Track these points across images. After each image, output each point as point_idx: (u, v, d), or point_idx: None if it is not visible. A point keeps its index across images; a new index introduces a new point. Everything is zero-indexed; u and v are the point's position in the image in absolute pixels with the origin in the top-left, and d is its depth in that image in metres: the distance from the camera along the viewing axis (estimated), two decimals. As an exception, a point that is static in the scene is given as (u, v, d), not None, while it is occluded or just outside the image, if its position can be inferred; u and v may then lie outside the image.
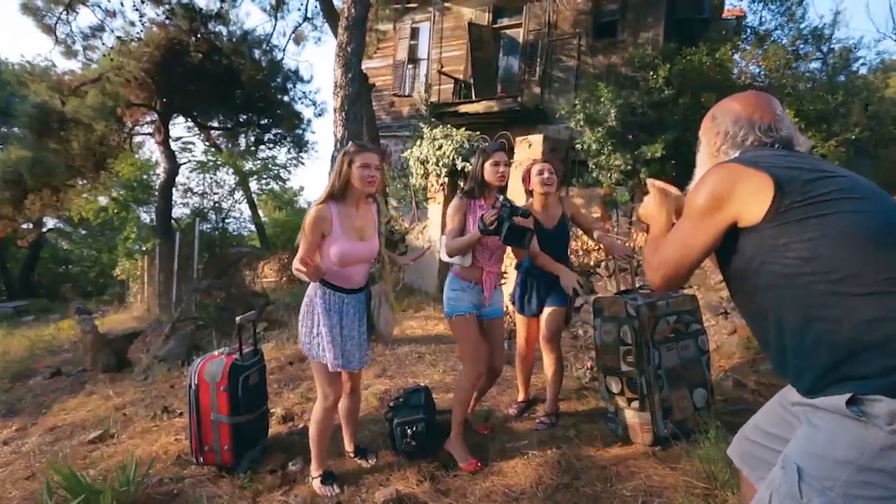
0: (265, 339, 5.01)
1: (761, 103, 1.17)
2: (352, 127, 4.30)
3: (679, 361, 2.32)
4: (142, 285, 11.94)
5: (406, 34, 11.50)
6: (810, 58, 9.98)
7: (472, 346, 2.29)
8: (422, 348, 4.34)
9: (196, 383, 2.52)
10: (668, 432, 2.23)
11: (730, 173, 1.04)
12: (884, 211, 0.97)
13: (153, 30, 9.64)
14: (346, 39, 4.30)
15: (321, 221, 2.00)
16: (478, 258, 2.32)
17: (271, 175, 19.07)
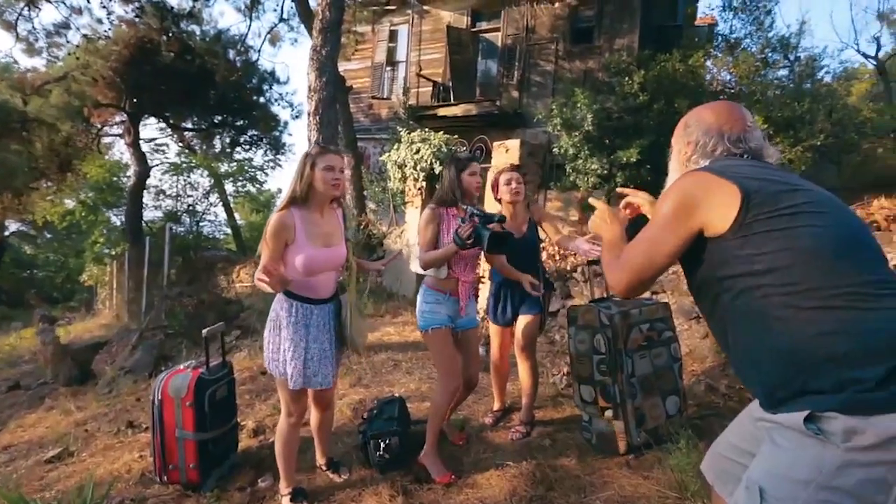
0: (237, 347, 4.88)
1: (733, 114, 1.18)
2: (326, 131, 4.22)
3: (652, 369, 2.33)
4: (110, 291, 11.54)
5: (384, 36, 11.43)
6: (778, 65, 10.30)
7: (448, 360, 2.25)
8: (398, 356, 4.28)
9: (160, 398, 2.43)
10: (642, 441, 2.23)
11: (698, 182, 1.04)
12: (845, 226, 0.99)
13: (122, 28, 9.33)
14: (320, 42, 4.23)
15: (283, 229, 1.89)
16: (453, 269, 2.29)
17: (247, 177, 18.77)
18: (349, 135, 8.55)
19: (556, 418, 2.85)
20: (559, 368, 3.71)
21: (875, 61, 12.47)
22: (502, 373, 2.86)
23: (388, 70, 11.31)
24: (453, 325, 2.33)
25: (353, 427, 2.95)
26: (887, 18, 13.79)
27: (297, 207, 1.94)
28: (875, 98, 12.64)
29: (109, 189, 15.85)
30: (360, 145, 10.64)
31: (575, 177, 7.25)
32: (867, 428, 0.84)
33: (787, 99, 7.30)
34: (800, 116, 6.91)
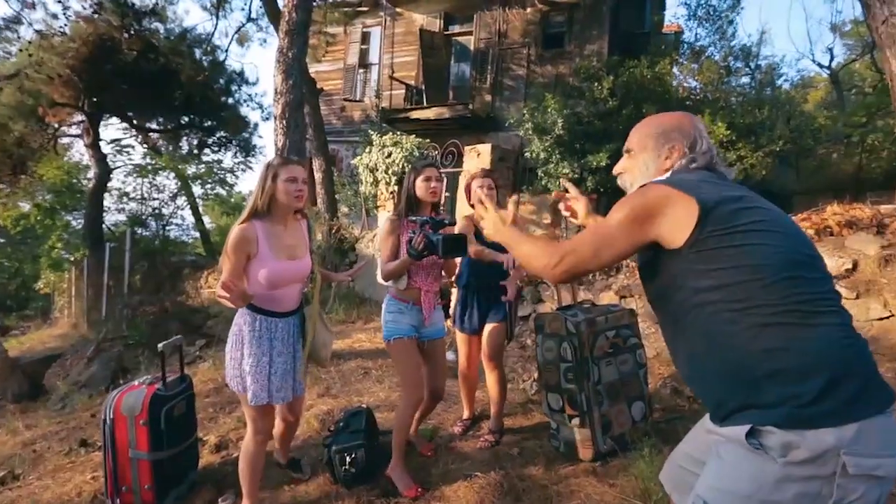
0: (202, 358, 4.71)
1: (686, 123, 1.19)
2: (293, 135, 4.12)
3: (618, 376, 2.36)
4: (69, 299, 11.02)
5: (357, 38, 11.33)
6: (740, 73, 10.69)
7: (412, 372, 2.22)
8: (368, 363, 4.22)
9: (112, 417, 2.30)
10: (608, 448, 2.25)
11: (660, 194, 1.05)
12: (795, 246, 1.01)
13: (80, 24, 8.93)
14: (287, 44, 4.13)
15: (245, 242, 1.84)
16: (413, 278, 2.26)
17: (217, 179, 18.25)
18: (320, 138, 8.42)
19: (525, 426, 2.85)
20: (529, 374, 3.72)
21: (829, 71, 13.08)
22: (471, 381, 2.84)
23: (361, 72, 11.21)
24: (418, 336, 2.29)
25: (319, 439, 2.88)
26: (839, 30, 14.50)
27: (260, 220, 1.90)
28: (829, 106, 13.27)
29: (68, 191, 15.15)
30: (333, 148, 10.50)
31: (547, 181, 7.33)
32: (802, 442, 0.87)
33: (749, 106, 7.57)
34: (760, 123, 7.17)
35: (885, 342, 2.63)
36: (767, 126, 7.21)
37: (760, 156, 6.79)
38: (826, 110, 12.35)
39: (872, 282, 2.72)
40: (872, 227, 3.01)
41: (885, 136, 8.13)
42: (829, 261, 2.86)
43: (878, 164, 8.53)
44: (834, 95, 13.40)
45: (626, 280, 4.01)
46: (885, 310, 2.65)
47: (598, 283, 4.20)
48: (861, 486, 0.86)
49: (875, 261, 2.74)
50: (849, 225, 3.10)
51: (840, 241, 3.00)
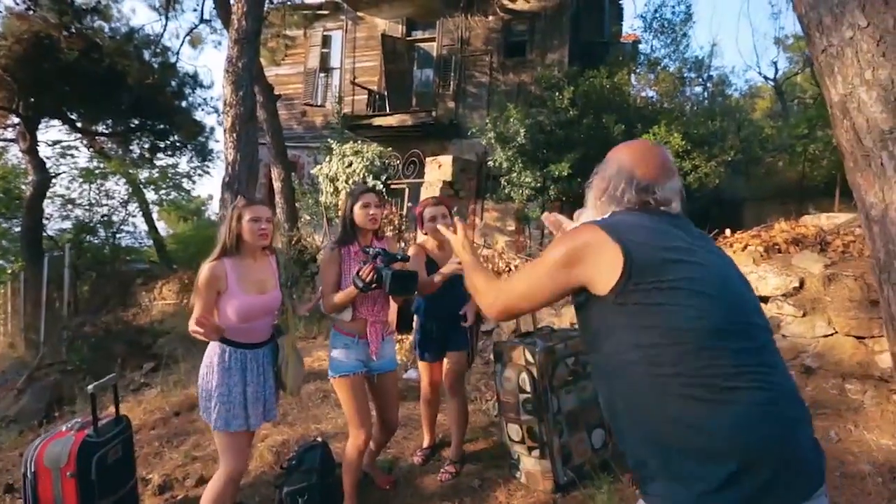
0: (149, 385, 4.43)
1: (648, 158, 1.13)
2: (245, 150, 3.93)
3: (578, 403, 2.33)
4: (4, 316, 10.23)
5: (317, 42, 11.07)
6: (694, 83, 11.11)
7: (357, 410, 2.12)
8: (328, 385, 4.06)
9: (33, 471, 2.10)
10: (568, 479, 2.22)
11: (589, 238, 1.02)
12: (727, 313, 0.95)
13: (12, 20, 8.30)
14: (236, 53, 3.93)
15: (214, 280, 1.94)
16: (359, 310, 2.16)
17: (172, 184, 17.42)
18: (278, 145, 8.14)
19: (486, 452, 2.80)
20: (492, 393, 3.67)
21: (774, 82, 13.79)
22: (432, 409, 2.77)
23: (322, 76, 10.96)
24: (366, 370, 2.20)
25: (273, 474, 2.73)
26: (783, 44, 15.33)
27: (229, 257, 2.01)
28: (774, 115, 13.99)
29: (5, 197, 14.10)
30: (293, 154, 10.21)
31: (510, 189, 7.36)
32: None
33: (703, 117, 7.84)
34: (713, 133, 7.44)
35: (829, 358, 2.73)
36: (720, 136, 7.49)
37: (713, 165, 7.04)
38: (771, 120, 13.02)
39: (817, 300, 2.81)
40: (816, 245, 3.12)
41: (825, 146, 8.60)
42: (776, 279, 2.94)
43: (819, 173, 9.03)
44: (779, 106, 14.13)
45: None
46: (830, 327, 2.75)
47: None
48: None
49: (819, 279, 2.84)
50: (795, 242, 3.21)
51: (787, 258, 3.10)
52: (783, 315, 2.88)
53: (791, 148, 9.49)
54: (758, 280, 2.99)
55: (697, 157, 7.05)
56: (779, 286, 2.91)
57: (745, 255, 3.23)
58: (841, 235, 3.05)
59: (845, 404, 2.51)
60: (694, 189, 6.98)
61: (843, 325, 2.70)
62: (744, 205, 9.89)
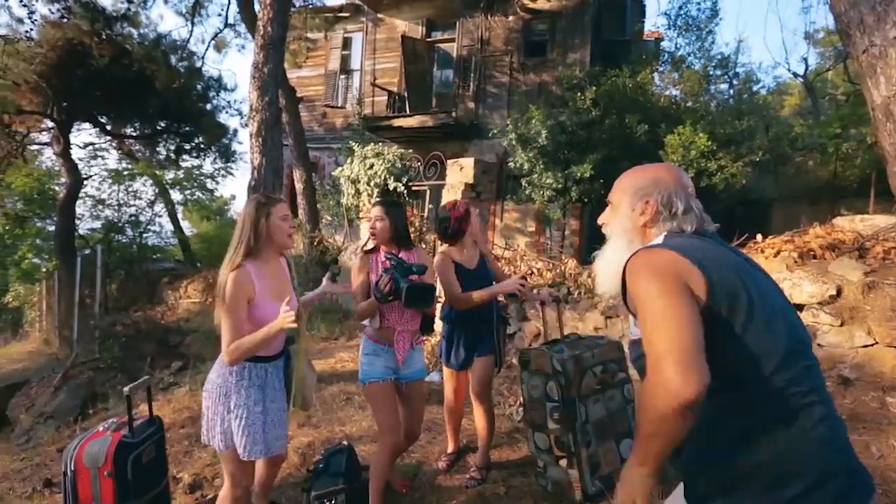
0: (177, 383, 4.53)
1: (684, 177, 1.12)
2: (270, 154, 3.99)
3: (606, 413, 2.30)
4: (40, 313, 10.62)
5: (338, 44, 11.17)
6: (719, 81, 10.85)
7: (387, 416, 2.14)
8: (351, 387, 4.11)
9: (73, 469, 2.16)
10: (596, 490, 2.19)
11: (667, 258, 0.95)
12: (791, 332, 0.94)
13: (47, 29, 8.59)
14: (262, 59, 4.00)
15: (245, 286, 1.76)
16: (387, 318, 2.17)
17: (196, 185, 17.82)
18: (300, 147, 8.25)
19: (512, 459, 2.79)
20: (515, 397, 3.65)
21: (803, 79, 13.37)
22: (457, 414, 2.77)
23: (343, 78, 11.05)
24: (395, 377, 2.21)
25: (299, 476, 2.77)
26: (813, 38, 14.85)
27: (250, 262, 1.82)
28: (804, 112, 13.57)
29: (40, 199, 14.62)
30: (314, 155, 10.33)
31: (531, 191, 7.30)
32: None
33: (729, 116, 7.65)
34: (741, 132, 7.25)
35: (869, 370, 2.63)
36: (747, 135, 7.30)
37: (740, 165, 6.86)
38: (801, 117, 12.64)
39: (856, 308, 2.72)
40: (855, 252, 3.01)
41: (859, 145, 8.31)
42: (812, 287, 2.85)
43: (852, 172, 8.72)
44: (808, 102, 13.71)
45: (612, 300, 3.97)
46: (870, 337, 2.65)
47: (583, 302, 4.17)
48: None
49: (858, 287, 2.74)
50: (831, 248, 3.10)
51: (823, 265, 3.00)
52: (819, 324, 2.79)
53: (822, 147, 9.19)
54: (792, 287, 2.90)
55: (724, 158, 6.88)
56: (814, 294, 2.82)
57: (777, 261, 3.14)
58: (881, 241, 2.94)
59: (887, 419, 2.42)
60: (720, 190, 6.81)
61: (885, 336, 2.60)
62: (772, 205, 9.62)
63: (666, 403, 0.83)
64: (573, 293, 4.37)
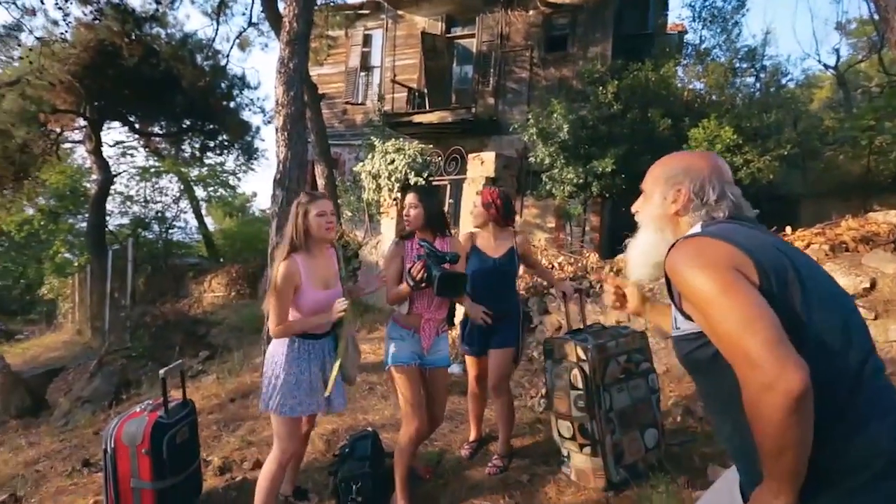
0: (205, 372, 4.67)
1: (721, 164, 1.09)
2: (296, 147, 4.07)
3: (630, 402, 2.30)
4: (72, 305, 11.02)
5: (358, 41, 11.26)
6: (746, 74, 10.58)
7: (412, 400, 2.18)
8: (373, 377, 4.17)
9: (112, 447, 2.27)
10: (621, 478, 2.19)
11: (713, 245, 0.92)
12: (846, 316, 0.90)
13: (80, 30, 8.90)
14: (288, 55, 4.08)
15: (292, 276, 2.00)
16: (416, 305, 2.21)
17: (220, 182, 18.25)
18: (322, 143, 8.36)
19: (534, 448, 2.80)
20: (536, 389, 3.66)
21: (834, 71, 12.94)
22: (479, 402, 2.79)
23: (363, 75, 11.14)
24: (420, 363, 2.25)
25: (325, 461, 2.84)
26: (845, 29, 14.35)
27: (298, 254, 2.05)
28: (835, 105, 13.13)
29: (72, 195, 15.18)
30: (335, 151, 10.44)
31: (552, 186, 7.26)
32: None
33: (756, 109, 7.47)
34: (767, 126, 7.07)
35: (903, 364, 2.56)
36: (775, 129, 7.11)
37: (768, 160, 6.69)
38: (832, 110, 12.23)
39: (891, 301, 2.65)
40: (890, 244, 2.93)
41: (894, 138, 8.02)
42: (845, 279, 2.79)
43: (887, 167, 8.41)
44: (840, 95, 13.26)
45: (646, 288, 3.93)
46: (904, 331, 2.58)
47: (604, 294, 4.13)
48: None
49: (894, 280, 2.67)
50: (864, 241, 3.02)
51: (856, 257, 2.93)
52: (851, 317, 2.73)
53: (854, 140, 8.89)
54: (823, 280, 2.84)
55: (750, 152, 6.73)
56: (847, 286, 2.75)
57: (808, 253, 3.08)
58: (918, 233, 2.85)
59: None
60: (746, 185, 6.65)
61: (920, 329, 2.53)
62: (800, 202, 9.33)
63: (777, 404, 0.77)
64: (595, 287, 4.35)
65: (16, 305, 16.45)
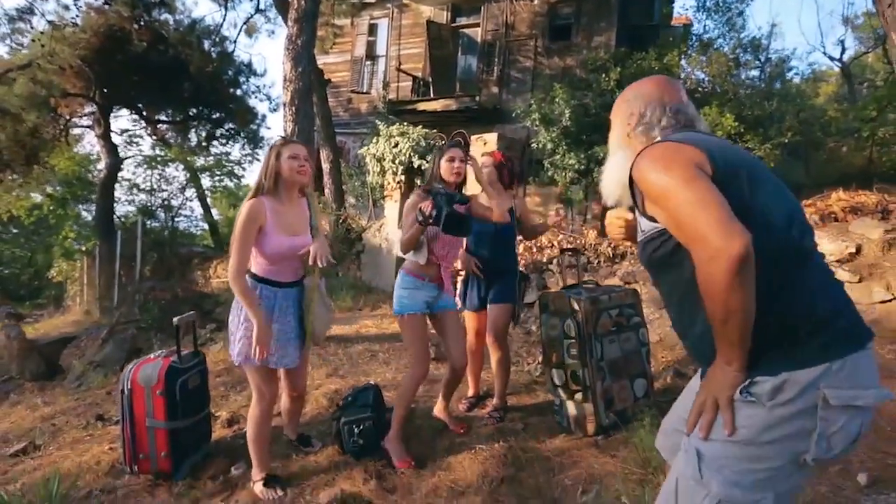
0: (213, 340, 4.81)
1: (671, 86, 1.19)
2: (303, 122, 4.18)
3: (621, 353, 2.40)
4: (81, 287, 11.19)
5: (364, 30, 11.35)
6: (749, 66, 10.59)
7: (419, 346, 2.28)
8: (375, 346, 4.29)
9: (129, 388, 2.38)
10: (610, 422, 2.30)
11: (675, 148, 1.01)
12: (787, 203, 1.02)
13: (91, 15, 9.03)
14: (295, 32, 4.18)
15: (257, 216, 1.97)
16: (435, 253, 2.30)
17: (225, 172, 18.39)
18: (328, 129, 8.48)
19: (529, 404, 2.91)
20: (534, 358, 3.77)
21: (840, 63, 12.93)
22: (477, 358, 2.90)
23: (368, 64, 11.24)
24: (429, 311, 2.35)
25: (328, 416, 2.95)
26: (852, 23, 14.32)
27: (266, 197, 2.02)
28: (840, 99, 13.13)
29: (79, 183, 15.36)
30: (340, 139, 10.56)
31: (553, 172, 7.35)
32: (787, 384, 0.91)
33: (758, 98, 7.52)
34: (769, 115, 7.13)
35: (887, 324, 2.66)
36: (776, 118, 7.17)
37: (768, 148, 6.75)
38: (837, 104, 12.22)
39: (875, 265, 2.74)
40: (878, 214, 3.02)
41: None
42: (831, 245, 2.88)
43: (889, 158, 8.44)
44: (846, 89, 13.26)
45: (630, 266, 4.04)
46: (888, 292, 2.67)
47: (602, 269, 4.24)
48: (842, 416, 0.90)
49: (878, 244, 2.76)
50: (853, 211, 3.12)
51: (843, 226, 3.02)
52: (838, 281, 2.82)
53: (857, 132, 8.92)
54: (811, 247, 2.93)
55: (751, 140, 6.79)
56: (833, 252, 2.85)
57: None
58: (905, 202, 2.94)
59: (901, 368, 2.45)
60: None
61: (904, 291, 2.63)
62: (802, 192, 9.36)
63: (721, 268, 0.86)
64: (592, 262, 4.45)
65: (24, 290, 16.70)
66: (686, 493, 0.99)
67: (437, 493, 2.05)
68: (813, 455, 0.91)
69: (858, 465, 1.90)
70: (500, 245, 2.67)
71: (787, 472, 0.94)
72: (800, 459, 0.93)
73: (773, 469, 0.93)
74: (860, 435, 0.94)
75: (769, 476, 0.93)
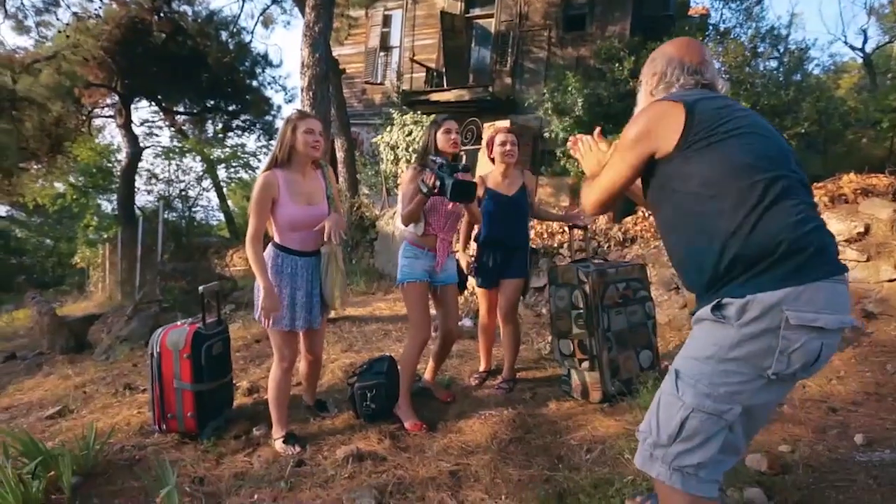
0: (232, 319, 4.98)
1: (692, 47, 1.32)
2: (320, 107, 4.30)
3: (627, 325, 2.48)
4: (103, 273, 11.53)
5: (378, 21, 11.43)
6: (767, 56, 10.43)
7: (420, 313, 2.38)
8: (389, 326, 4.41)
9: (158, 351, 2.53)
10: (616, 390, 2.38)
11: (656, 111, 1.17)
12: (769, 145, 1.11)
13: (113, 7, 9.26)
14: (313, 18, 4.29)
15: (270, 187, 2.06)
16: (431, 225, 2.39)
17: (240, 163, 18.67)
18: (342, 118, 8.59)
19: (538, 377, 3.00)
20: (544, 337, 3.85)
21: (862, 53, 12.66)
22: (489, 334, 2.99)
23: (382, 55, 11.32)
24: (430, 280, 2.44)
25: (343, 386, 3.07)
26: (877, 12, 13.99)
27: (280, 169, 2.11)
28: (862, 89, 12.85)
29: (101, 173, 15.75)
30: (354, 130, 10.67)
31: (566, 161, 7.37)
32: (753, 304, 1.01)
33: (775, 87, 7.44)
34: (786, 104, 7.06)
35: (893, 303, 2.69)
36: (793, 108, 7.09)
37: (785, 138, 6.69)
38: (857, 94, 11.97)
39: (884, 244, 2.76)
40: (889, 194, 3.04)
41: (918, 120, 7.89)
42: (839, 225, 2.91)
43: (910, 149, 8.28)
44: (867, 80, 12.98)
45: (640, 250, 4.09)
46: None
47: (612, 253, 4.30)
48: (802, 335, 0.99)
49: (887, 224, 2.79)
50: (864, 193, 3.13)
51: (853, 207, 3.05)
52: (845, 260, 2.85)
53: (878, 123, 8.76)
54: (820, 227, 2.96)
55: (766, 128, 6.73)
56: (842, 231, 2.88)
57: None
58: (917, 183, 2.95)
59: (906, 344, 2.49)
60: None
61: (912, 271, 2.65)
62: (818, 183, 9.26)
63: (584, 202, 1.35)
64: (603, 246, 4.50)
65: (49, 278, 17.20)
66: (665, 406, 1.11)
67: (449, 452, 2.16)
68: (774, 370, 1.01)
69: (857, 428, 1.96)
70: (515, 222, 2.75)
71: (755, 388, 1.05)
72: (765, 375, 1.02)
73: (741, 383, 1.04)
74: (822, 356, 1.03)
75: (738, 390, 1.05)
